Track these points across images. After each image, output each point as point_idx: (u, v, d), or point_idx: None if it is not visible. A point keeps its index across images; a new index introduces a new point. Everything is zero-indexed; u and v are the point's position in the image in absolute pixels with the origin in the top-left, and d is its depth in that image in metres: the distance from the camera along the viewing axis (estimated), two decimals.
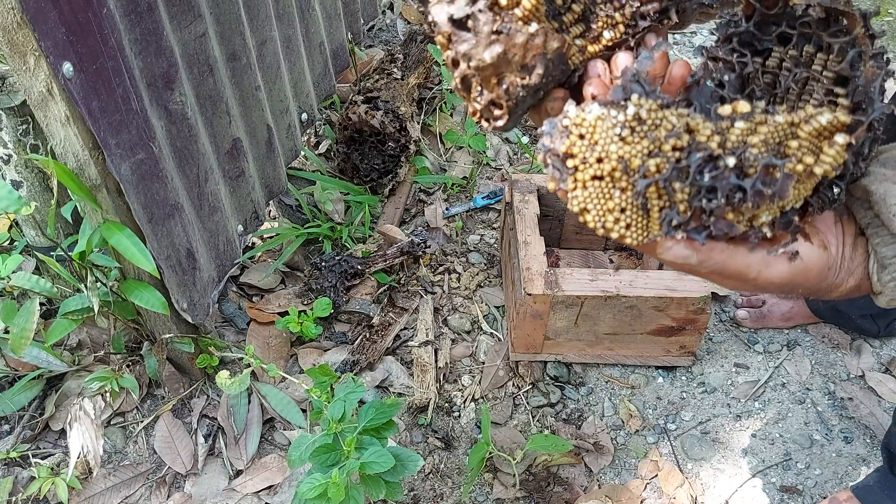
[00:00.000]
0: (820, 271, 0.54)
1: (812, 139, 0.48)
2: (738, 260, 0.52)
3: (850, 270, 0.56)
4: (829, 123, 0.48)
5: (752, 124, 0.48)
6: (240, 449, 1.36)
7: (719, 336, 1.58)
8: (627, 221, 0.51)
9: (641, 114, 0.49)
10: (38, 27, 0.88)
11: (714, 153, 0.48)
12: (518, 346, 1.45)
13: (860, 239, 0.56)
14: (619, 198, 0.51)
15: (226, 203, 1.38)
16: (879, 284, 0.55)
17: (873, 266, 0.55)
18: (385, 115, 1.75)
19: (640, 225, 0.52)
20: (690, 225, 0.50)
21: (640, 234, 0.52)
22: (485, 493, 1.32)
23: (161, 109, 1.14)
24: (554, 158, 0.52)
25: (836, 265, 0.55)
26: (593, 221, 0.52)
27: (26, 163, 1.21)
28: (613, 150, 0.49)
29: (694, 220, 0.50)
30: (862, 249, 0.56)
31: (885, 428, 1.39)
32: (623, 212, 0.51)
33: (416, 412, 1.43)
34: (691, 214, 0.50)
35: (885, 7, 2.62)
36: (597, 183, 0.51)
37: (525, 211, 1.49)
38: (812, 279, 0.54)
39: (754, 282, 0.53)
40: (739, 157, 0.48)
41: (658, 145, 0.49)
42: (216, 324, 1.55)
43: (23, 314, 1.12)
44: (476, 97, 0.55)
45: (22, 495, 1.26)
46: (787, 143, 0.49)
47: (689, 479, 1.34)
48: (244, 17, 1.31)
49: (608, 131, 0.49)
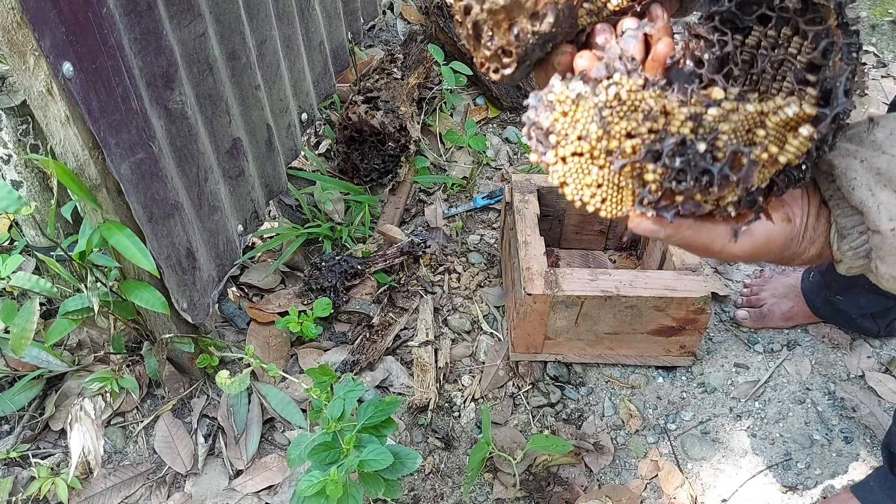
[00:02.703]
0: (783, 243, 0.58)
1: (779, 129, 0.51)
2: (703, 235, 0.56)
3: (813, 239, 0.59)
4: (795, 115, 0.51)
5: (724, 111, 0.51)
6: (240, 449, 1.36)
7: (719, 336, 1.58)
8: (603, 196, 0.55)
9: (622, 94, 0.52)
10: (37, 27, 0.88)
11: (686, 138, 0.51)
12: (518, 346, 1.45)
13: (823, 209, 0.59)
14: (596, 174, 0.54)
15: (226, 203, 1.38)
16: (839, 253, 0.58)
17: (834, 236, 0.58)
18: (385, 115, 1.75)
19: (615, 199, 0.56)
20: (661, 203, 0.54)
21: (615, 208, 0.56)
22: (485, 493, 1.32)
23: (161, 109, 1.14)
24: (537, 132, 0.55)
25: (800, 235, 0.59)
26: (571, 194, 0.56)
27: (26, 163, 1.21)
28: (593, 130, 0.52)
29: (664, 199, 0.54)
30: (824, 220, 0.59)
31: (885, 428, 1.39)
32: (600, 187, 0.55)
33: (416, 412, 1.43)
34: (662, 194, 0.53)
35: (885, 7, 2.62)
36: (576, 159, 0.54)
37: (525, 211, 1.49)
38: (775, 250, 0.58)
39: (719, 254, 0.57)
40: (710, 143, 0.51)
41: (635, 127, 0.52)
42: (216, 324, 1.55)
43: (23, 314, 1.12)
44: (487, 42, 0.57)
45: (22, 495, 1.26)
46: (756, 130, 0.52)
47: (689, 479, 1.34)
48: (244, 16, 1.31)
49: (589, 111, 0.52)
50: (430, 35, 2.16)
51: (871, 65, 2.36)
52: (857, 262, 0.58)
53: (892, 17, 2.55)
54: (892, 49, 2.44)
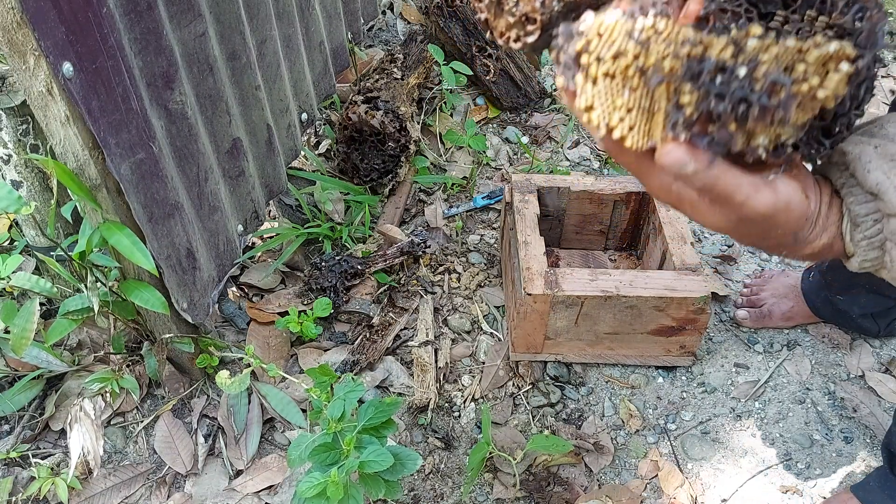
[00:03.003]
0: (800, 215, 0.56)
1: (818, 64, 0.50)
2: (730, 178, 0.53)
3: (825, 227, 0.58)
4: (836, 52, 0.50)
5: (764, 44, 0.50)
6: (240, 449, 1.36)
7: (719, 336, 1.58)
8: (631, 123, 0.53)
9: (659, 25, 0.50)
10: (37, 27, 0.88)
11: (727, 63, 0.50)
12: (518, 346, 1.45)
13: (835, 199, 0.58)
14: (627, 96, 0.52)
15: (226, 203, 1.38)
16: (852, 244, 0.57)
17: (846, 225, 0.57)
18: (385, 115, 1.75)
19: (644, 128, 0.53)
20: (695, 129, 0.52)
21: (642, 138, 0.53)
22: (485, 493, 1.32)
23: (161, 109, 1.14)
24: (566, 56, 0.53)
25: (813, 217, 0.57)
26: (598, 119, 0.53)
27: (26, 163, 1.21)
28: (631, 47, 0.50)
29: (698, 125, 0.52)
30: (836, 209, 0.58)
31: (885, 428, 1.39)
32: (629, 111, 0.52)
33: (416, 412, 1.43)
34: (696, 118, 0.51)
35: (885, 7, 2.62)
36: (608, 80, 0.52)
37: (525, 211, 1.49)
38: (792, 221, 0.56)
39: (740, 207, 0.54)
40: (750, 69, 0.50)
41: (674, 50, 0.50)
42: (216, 324, 1.55)
43: (23, 314, 1.12)
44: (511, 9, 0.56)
45: (22, 495, 1.26)
46: (796, 65, 0.50)
47: (689, 479, 1.34)
48: (244, 16, 1.31)
49: (626, 33, 0.51)
50: (430, 35, 2.16)
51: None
52: (870, 253, 0.57)
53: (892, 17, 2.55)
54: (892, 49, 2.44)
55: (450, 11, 2.08)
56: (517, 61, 2.13)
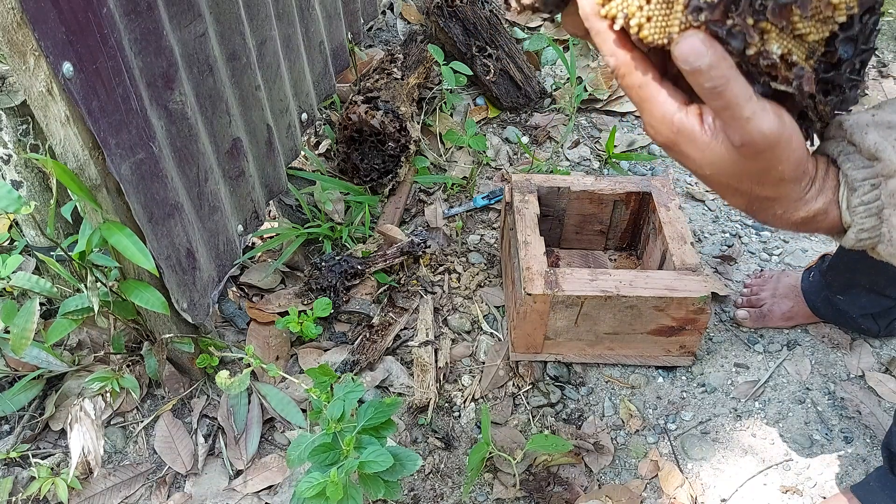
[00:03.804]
0: (801, 157, 0.55)
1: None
2: (740, 86, 0.51)
3: (821, 189, 0.57)
4: None
5: None
6: (240, 449, 1.36)
7: (719, 336, 1.58)
8: (649, 14, 0.52)
9: None
10: (37, 27, 0.88)
11: None
12: (518, 346, 1.45)
13: (832, 168, 0.58)
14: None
15: (226, 203, 1.38)
16: (848, 212, 0.56)
17: (843, 192, 0.57)
18: (385, 115, 1.75)
19: (661, 22, 0.52)
20: (715, 13, 0.50)
21: (659, 31, 0.52)
22: (485, 493, 1.32)
23: (161, 109, 1.14)
24: None
25: (811, 175, 0.57)
26: (616, 8, 0.52)
27: (26, 163, 1.21)
28: None
29: (718, 11, 0.50)
30: (833, 177, 0.58)
31: (885, 428, 1.39)
32: (648, 2, 0.52)
33: (416, 412, 1.43)
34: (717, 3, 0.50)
35: (885, 7, 2.62)
36: None
37: (525, 211, 1.49)
38: (793, 160, 0.54)
39: (746, 125, 0.52)
40: None
41: None
42: (216, 324, 1.55)
43: (23, 314, 1.12)
44: None
45: (22, 495, 1.26)
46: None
47: (689, 479, 1.34)
48: (244, 16, 1.31)
49: None
50: (430, 35, 2.16)
51: (870, 64, 2.36)
52: (867, 221, 0.56)
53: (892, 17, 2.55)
54: (892, 49, 2.44)
55: (450, 11, 2.08)
56: (517, 61, 2.13)
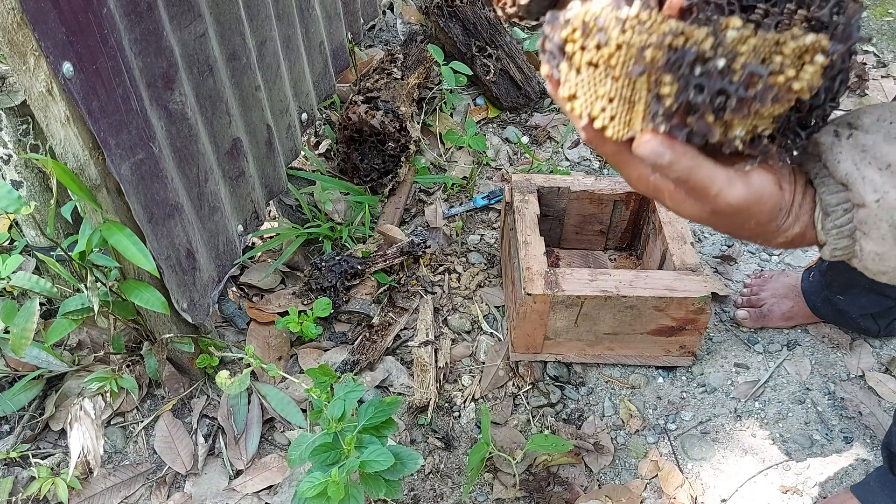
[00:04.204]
0: (773, 206, 0.58)
1: (795, 56, 0.52)
2: (704, 171, 0.54)
3: (797, 216, 0.59)
4: (812, 43, 0.51)
5: (743, 35, 0.51)
6: (240, 449, 1.36)
7: (719, 336, 1.58)
8: (613, 113, 0.54)
9: (643, 16, 0.51)
10: (38, 27, 0.88)
11: (706, 54, 0.51)
12: (518, 346, 1.45)
13: (809, 189, 0.60)
14: (610, 86, 0.53)
15: (226, 203, 1.38)
16: (823, 233, 0.58)
17: (818, 214, 0.59)
18: (385, 115, 1.75)
19: (624, 118, 0.54)
20: (674, 120, 0.53)
21: (623, 128, 0.55)
22: (485, 493, 1.32)
23: (161, 109, 1.14)
24: (551, 44, 0.54)
25: (787, 208, 0.59)
26: (580, 108, 0.55)
27: (26, 163, 1.21)
28: (614, 37, 0.52)
29: (677, 116, 0.53)
30: (810, 198, 0.59)
31: (885, 428, 1.39)
32: (611, 101, 0.54)
33: (416, 412, 1.43)
34: (675, 110, 0.52)
35: (885, 7, 2.62)
36: (591, 69, 0.53)
37: (525, 211, 1.49)
38: (765, 212, 0.58)
39: (714, 200, 0.56)
40: (729, 61, 0.51)
41: (656, 41, 0.51)
42: (216, 324, 1.55)
43: (23, 314, 1.12)
44: None
45: (22, 495, 1.26)
46: (773, 57, 0.52)
47: (689, 479, 1.34)
48: (244, 16, 1.31)
49: (611, 21, 0.52)
50: (430, 35, 2.16)
51: (871, 65, 2.36)
52: (840, 241, 0.58)
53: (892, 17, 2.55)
54: (892, 49, 2.44)
55: (450, 11, 2.09)
56: (517, 61, 2.13)
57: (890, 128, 0.56)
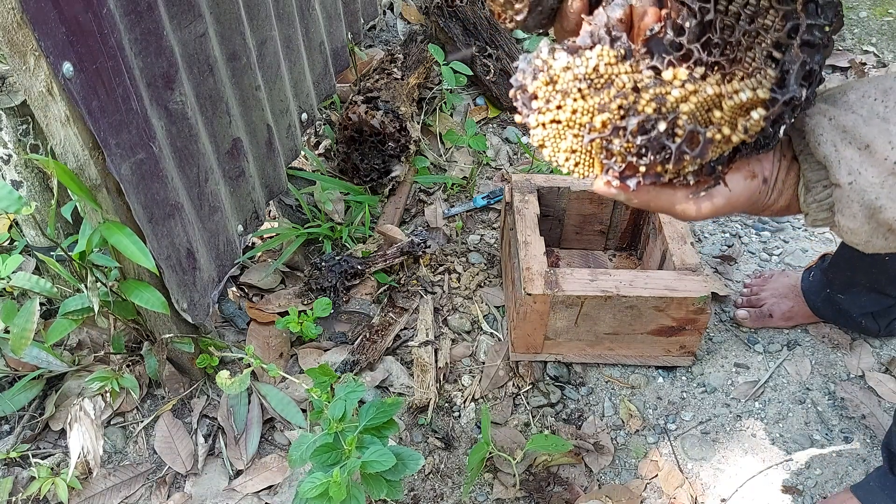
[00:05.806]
0: (747, 199, 0.63)
1: (733, 111, 0.56)
2: (663, 199, 0.62)
3: (781, 191, 0.64)
4: (748, 100, 0.55)
5: (686, 93, 0.56)
6: (240, 449, 1.36)
7: (719, 336, 1.58)
8: (576, 160, 0.62)
9: (600, 67, 0.57)
10: (38, 27, 0.88)
11: (650, 117, 0.57)
12: (518, 346, 1.45)
13: (794, 163, 0.63)
14: (571, 140, 0.61)
15: (226, 203, 1.38)
16: (805, 205, 0.63)
17: (801, 189, 0.63)
18: (385, 115, 1.75)
19: (587, 164, 0.63)
20: (625, 173, 0.60)
21: (586, 171, 0.63)
22: (485, 493, 1.32)
23: (161, 109, 1.14)
24: (523, 95, 0.62)
25: (769, 188, 0.63)
26: (549, 156, 0.63)
27: (26, 163, 1.21)
28: (569, 104, 0.59)
29: (628, 169, 0.60)
30: (794, 173, 0.63)
31: (885, 428, 1.39)
32: (574, 152, 0.62)
33: (416, 412, 1.43)
34: (626, 165, 0.60)
35: (885, 7, 2.62)
36: (554, 125, 0.61)
37: (525, 211, 1.49)
38: (739, 207, 0.63)
39: (682, 214, 0.63)
40: (670, 123, 0.57)
41: (606, 103, 0.58)
42: (216, 324, 1.55)
43: (23, 314, 1.12)
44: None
45: (22, 495, 1.26)
46: (713, 111, 0.57)
47: (689, 479, 1.34)
48: (244, 16, 1.31)
49: (569, 83, 0.59)
50: (430, 35, 2.16)
51: (871, 65, 2.36)
52: (820, 214, 0.62)
53: (892, 17, 2.55)
54: (892, 49, 2.44)
55: (450, 11, 2.08)
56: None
57: (874, 104, 0.58)
